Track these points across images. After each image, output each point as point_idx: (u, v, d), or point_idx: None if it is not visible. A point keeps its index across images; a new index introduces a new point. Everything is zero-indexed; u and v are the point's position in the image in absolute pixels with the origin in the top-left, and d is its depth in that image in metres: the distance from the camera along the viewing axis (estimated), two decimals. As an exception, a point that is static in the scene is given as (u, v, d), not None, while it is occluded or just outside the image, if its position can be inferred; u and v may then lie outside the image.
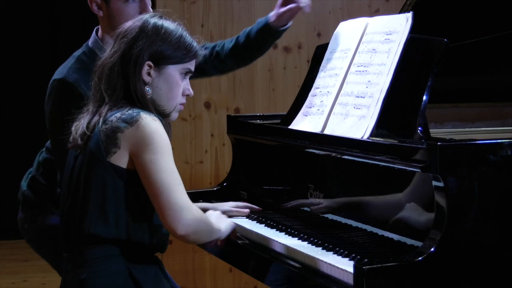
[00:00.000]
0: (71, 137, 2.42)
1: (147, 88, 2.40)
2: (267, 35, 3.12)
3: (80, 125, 2.41)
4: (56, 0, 6.96)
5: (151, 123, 2.31)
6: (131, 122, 2.31)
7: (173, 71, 2.43)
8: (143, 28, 2.41)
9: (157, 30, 2.41)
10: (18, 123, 6.91)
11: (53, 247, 3.15)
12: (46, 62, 6.92)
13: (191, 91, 2.49)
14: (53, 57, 6.86)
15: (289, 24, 3.12)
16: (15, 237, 6.72)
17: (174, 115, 2.47)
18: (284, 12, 3.05)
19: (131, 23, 2.45)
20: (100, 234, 2.31)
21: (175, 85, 2.44)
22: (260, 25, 3.12)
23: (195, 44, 2.47)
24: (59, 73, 2.90)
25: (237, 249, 2.72)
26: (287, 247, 2.47)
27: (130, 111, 2.33)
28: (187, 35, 2.47)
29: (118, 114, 2.33)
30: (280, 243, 2.51)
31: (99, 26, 2.95)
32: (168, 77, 2.42)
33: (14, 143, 6.87)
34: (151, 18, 2.44)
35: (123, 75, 2.38)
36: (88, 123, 2.38)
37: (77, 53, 2.98)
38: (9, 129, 6.90)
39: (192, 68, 2.48)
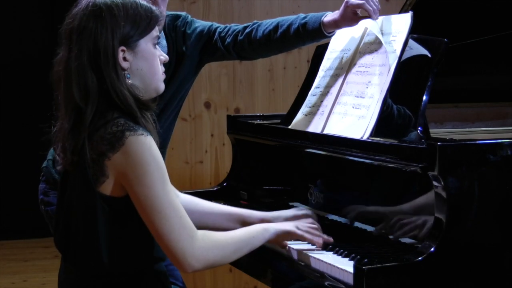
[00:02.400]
0: (59, 159, 2.23)
1: (126, 75, 2.19)
2: (312, 38, 2.90)
3: (63, 145, 2.19)
4: (57, 0, 6.96)
5: (138, 145, 2.11)
6: (117, 145, 2.10)
7: (146, 44, 2.21)
8: (98, 14, 2.17)
9: (113, 11, 2.18)
10: (18, 123, 6.91)
11: None
12: (46, 62, 6.91)
13: (166, 56, 2.29)
14: (53, 56, 6.86)
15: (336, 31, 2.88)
16: (15, 237, 6.73)
17: (161, 86, 2.27)
18: (345, 21, 2.75)
19: (80, 13, 2.20)
20: (94, 265, 2.18)
21: (153, 57, 2.23)
22: (311, 27, 2.86)
23: (152, 7, 2.24)
24: None
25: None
26: (287, 247, 2.47)
27: (114, 128, 2.12)
28: (139, 0, 2.23)
29: (101, 132, 2.13)
30: (280, 243, 2.51)
31: None
32: (144, 53, 2.21)
33: (14, 143, 6.87)
34: None
35: (96, 75, 2.15)
36: (75, 145, 2.16)
37: None
38: (9, 129, 6.90)
39: (158, 32, 2.27)
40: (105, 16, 2.17)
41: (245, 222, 2.52)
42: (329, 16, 2.82)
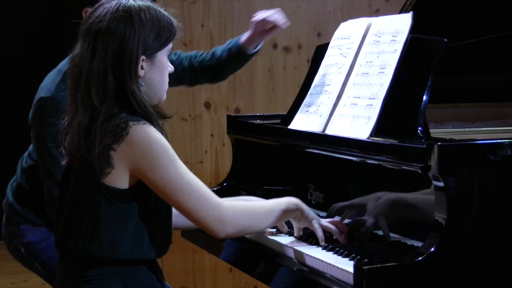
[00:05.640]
0: (66, 153, 2.27)
1: (141, 82, 2.24)
2: (237, 58, 3.14)
3: (73, 140, 2.22)
4: (56, 1, 6.96)
5: (143, 133, 2.16)
6: (121, 136, 2.15)
7: (162, 56, 2.28)
8: (128, 20, 2.21)
9: (142, 19, 2.22)
10: (18, 123, 6.90)
11: (46, 263, 3.08)
12: (46, 63, 6.92)
13: (172, 68, 2.34)
14: (53, 58, 6.87)
15: (260, 46, 3.13)
16: (15, 237, 6.71)
17: (164, 96, 2.33)
18: (258, 36, 3.07)
19: (109, 15, 2.22)
20: (94, 255, 2.20)
21: (165, 70, 2.30)
22: (230, 45, 3.14)
23: (173, 19, 2.30)
24: (47, 91, 2.86)
25: (237, 249, 2.72)
26: (287, 247, 2.47)
27: (117, 121, 2.16)
28: (163, 11, 2.29)
29: (105, 125, 2.17)
30: (280, 243, 2.51)
31: None
32: (159, 64, 2.28)
33: (14, 143, 6.87)
34: (127, 2, 2.24)
35: (116, 78, 2.21)
36: (83, 139, 2.19)
37: (62, 66, 2.92)
38: (9, 129, 6.90)
39: (172, 45, 2.32)
40: (134, 23, 2.22)
41: None
42: (245, 35, 3.09)
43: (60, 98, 2.78)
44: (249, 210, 2.34)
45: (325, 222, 2.46)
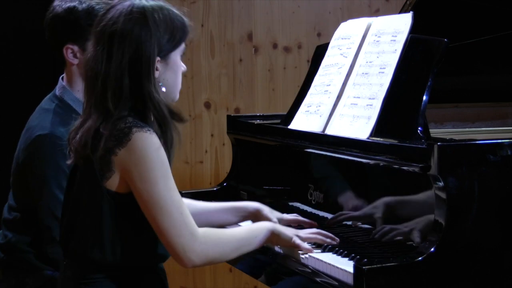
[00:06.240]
0: (72, 152, 2.26)
1: (161, 85, 2.23)
2: None
3: (81, 140, 2.21)
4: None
5: (143, 141, 2.14)
6: (123, 141, 2.14)
7: (176, 56, 2.26)
8: (143, 22, 2.19)
9: (156, 20, 2.20)
10: (18, 124, 6.90)
11: None
12: (46, 64, 6.92)
13: (185, 67, 2.31)
14: (52, 58, 6.86)
15: None
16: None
17: (177, 96, 2.32)
18: None
19: (123, 17, 2.19)
20: (96, 259, 2.20)
21: (179, 70, 2.28)
22: None
23: (185, 19, 2.28)
24: (41, 128, 2.73)
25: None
26: (287, 247, 2.47)
27: (122, 125, 2.15)
28: (175, 10, 2.27)
29: (111, 129, 2.16)
30: (280, 243, 2.51)
31: (64, 75, 2.83)
32: (173, 65, 2.26)
33: (14, 144, 6.86)
34: (140, 3, 2.21)
35: (132, 81, 2.18)
36: (91, 138, 2.18)
37: (47, 105, 2.82)
38: (8, 130, 6.89)
39: (184, 45, 2.30)
40: (149, 25, 2.20)
41: (245, 214, 2.62)
42: None
43: (59, 133, 2.65)
44: (221, 241, 2.26)
45: (306, 234, 2.41)
